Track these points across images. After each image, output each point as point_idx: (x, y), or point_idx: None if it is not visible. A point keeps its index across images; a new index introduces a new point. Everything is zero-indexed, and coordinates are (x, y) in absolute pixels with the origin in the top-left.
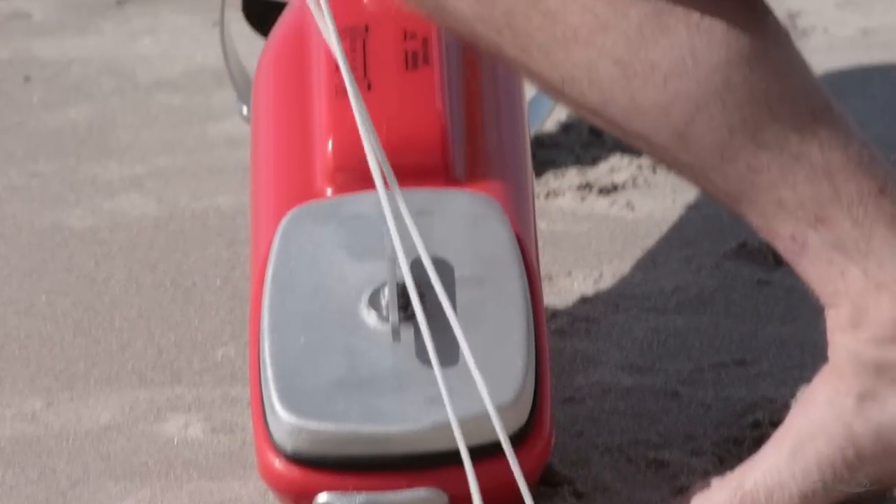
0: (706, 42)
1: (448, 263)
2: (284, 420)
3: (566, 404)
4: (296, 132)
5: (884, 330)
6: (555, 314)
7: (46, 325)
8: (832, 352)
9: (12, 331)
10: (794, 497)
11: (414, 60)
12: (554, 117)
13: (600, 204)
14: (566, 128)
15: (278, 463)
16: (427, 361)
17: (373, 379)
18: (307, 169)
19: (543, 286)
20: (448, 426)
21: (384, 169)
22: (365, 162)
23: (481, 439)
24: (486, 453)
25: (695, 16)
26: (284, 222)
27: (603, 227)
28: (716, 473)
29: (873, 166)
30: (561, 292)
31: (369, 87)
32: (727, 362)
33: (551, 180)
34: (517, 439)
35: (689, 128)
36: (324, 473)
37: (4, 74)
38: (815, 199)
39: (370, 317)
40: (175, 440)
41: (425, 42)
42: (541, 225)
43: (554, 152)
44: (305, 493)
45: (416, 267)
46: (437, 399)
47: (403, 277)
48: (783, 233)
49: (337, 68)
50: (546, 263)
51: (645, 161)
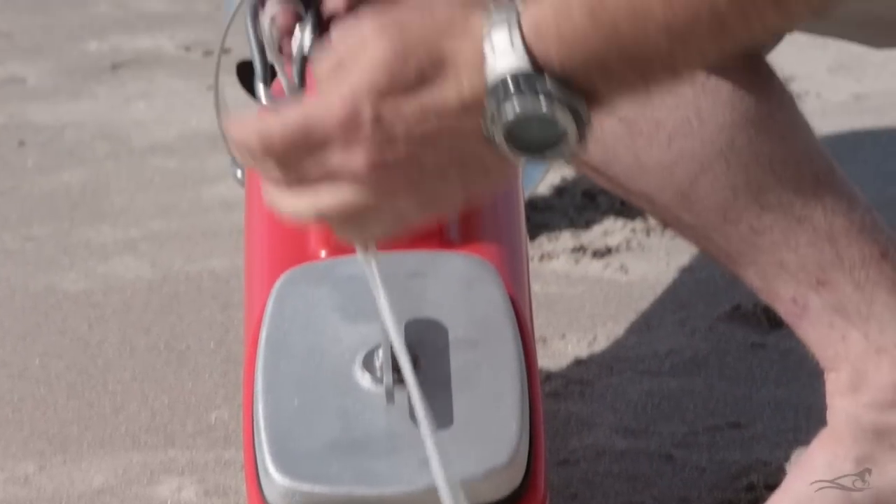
0: (711, 103)
1: (442, 326)
2: (278, 483)
3: (560, 467)
4: None
5: (884, 394)
6: (549, 376)
7: (40, 388)
8: (831, 415)
9: (6, 394)
10: None
11: None
12: (548, 181)
13: (594, 267)
14: (560, 191)
15: None
16: None
17: (367, 441)
18: (301, 231)
19: (538, 349)
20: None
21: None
22: None
23: (475, 502)
24: None
25: (700, 77)
26: (278, 284)
27: (597, 290)
28: None
29: (876, 231)
30: (555, 355)
31: None
32: (721, 425)
33: (545, 243)
34: (511, 502)
35: (693, 188)
36: None
37: None
38: (818, 263)
39: (364, 379)
40: (168, 503)
41: None
42: (535, 287)
43: (548, 215)
44: None
45: (411, 328)
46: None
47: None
48: (784, 295)
49: None
50: (540, 326)
51: (638, 224)
